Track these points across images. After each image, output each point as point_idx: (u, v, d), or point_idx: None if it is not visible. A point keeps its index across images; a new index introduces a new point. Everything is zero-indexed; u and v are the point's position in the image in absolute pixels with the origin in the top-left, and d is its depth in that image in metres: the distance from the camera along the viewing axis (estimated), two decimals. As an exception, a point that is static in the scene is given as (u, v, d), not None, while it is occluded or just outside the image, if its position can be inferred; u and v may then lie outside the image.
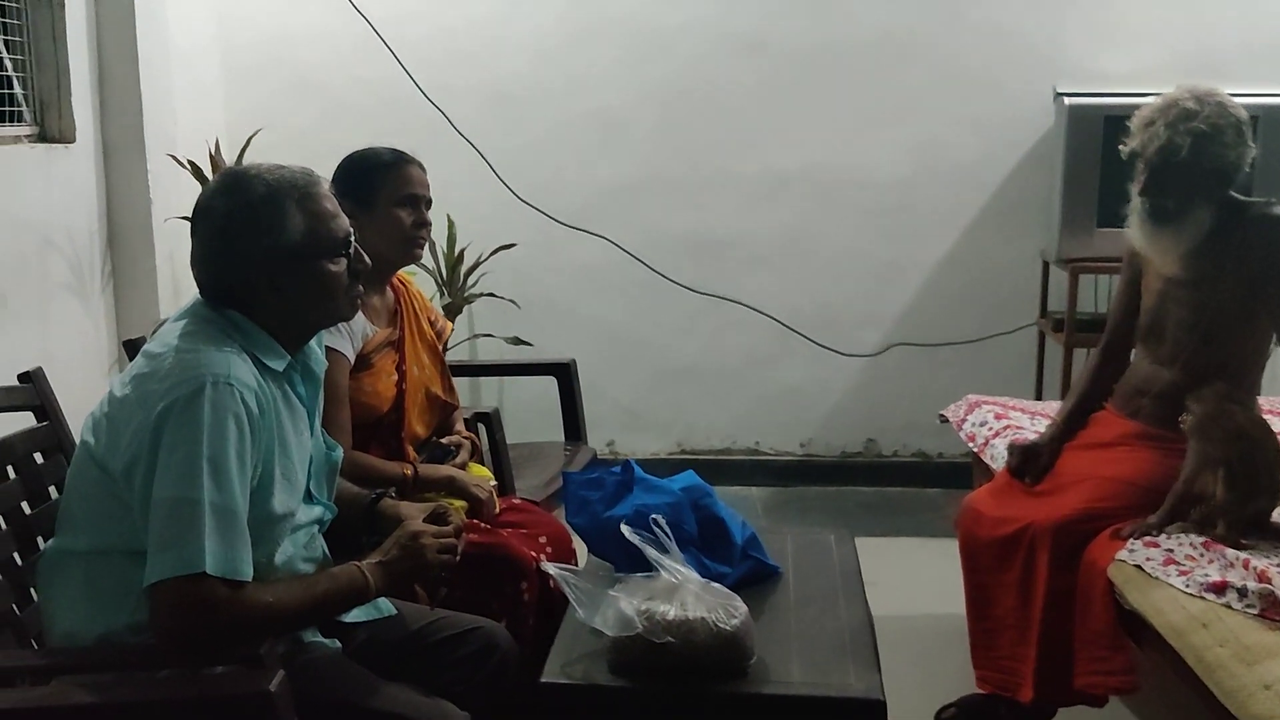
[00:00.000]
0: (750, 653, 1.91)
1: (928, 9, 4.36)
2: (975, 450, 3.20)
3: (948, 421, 3.43)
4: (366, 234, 2.27)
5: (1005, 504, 2.64)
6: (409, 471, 2.40)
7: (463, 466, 2.55)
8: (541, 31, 4.42)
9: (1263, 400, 2.65)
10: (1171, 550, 2.29)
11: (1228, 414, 2.29)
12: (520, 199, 4.46)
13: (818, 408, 4.64)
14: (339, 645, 1.90)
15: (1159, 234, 2.50)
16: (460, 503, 2.41)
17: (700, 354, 4.61)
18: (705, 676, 1.87)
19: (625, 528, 2.02)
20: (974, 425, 3.25)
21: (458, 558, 1.87)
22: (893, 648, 2.34)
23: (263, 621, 1.65)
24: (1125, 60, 4.27)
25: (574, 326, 4.52)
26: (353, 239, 1.84)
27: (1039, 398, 4.27)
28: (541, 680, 1.90)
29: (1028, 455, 2.70)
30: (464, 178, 4.33)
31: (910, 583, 3.49)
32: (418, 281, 2.77)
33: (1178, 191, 2.45)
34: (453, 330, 3.30)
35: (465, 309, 4.38)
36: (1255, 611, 2.02)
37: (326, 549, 1.93)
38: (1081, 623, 2.41)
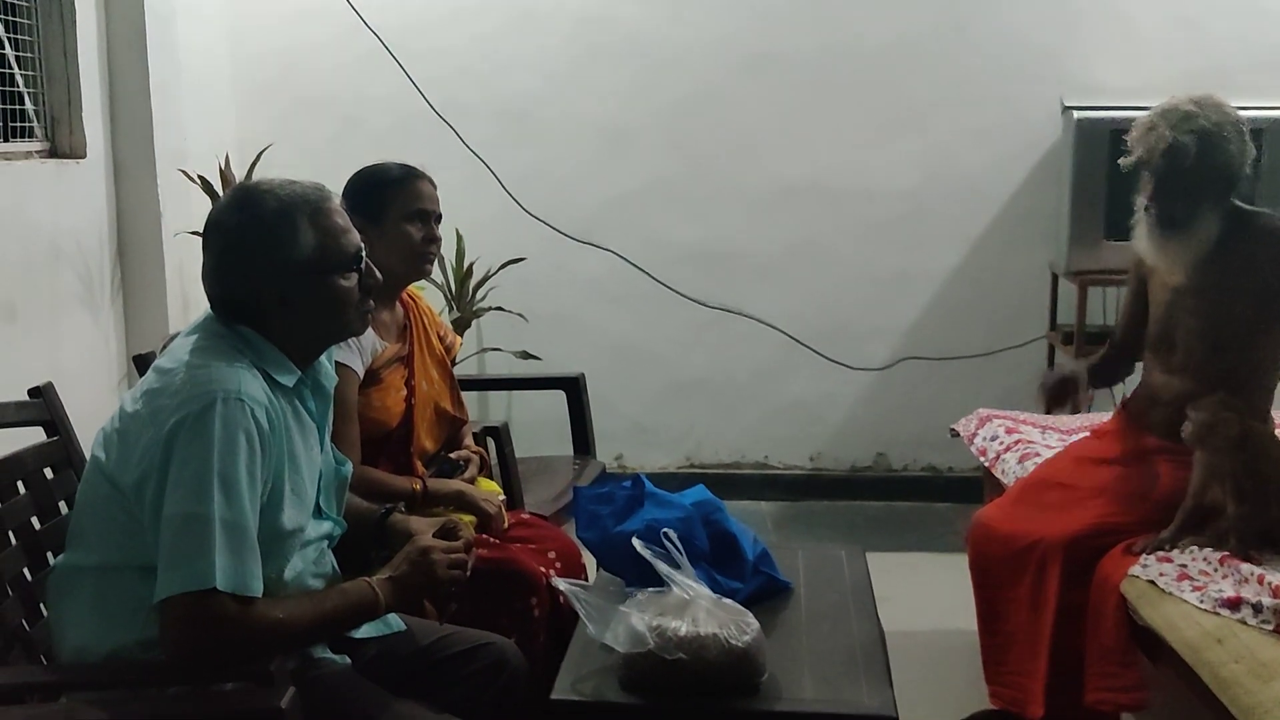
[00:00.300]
0: (762, 669, 1.90)
1: (935, 22, 4.36)
2: (986, 465, 3.19)
3: (958, 435, 3.42)
4: (376, 249, 2.26)
5: (1016, 519, 2.62)
6: (418, 486, 2.39)
7: (471, 481, 2.54)
8: (550, 47, 4.43)
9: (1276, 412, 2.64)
10: (1185, 565, 2.28)
11: (1225, 422, 2.28)
12: (529, 213, 4.46)
13: (827, 422, 4.63)
14: (348, 661, 1.89)
15: (1168, 242, 2.49)
16: (469, 517, 2.40)
17: (709, 368, 4.61)
18: (717, 693, 1.86)
19: (637, 542, 2.01)
20: (985, 439, 3.24)
21: (468, 573, 1.87)
22: (904, 663, 2.33)
23: (273, 638, 1.65)
24: (1132, 74, 4.27)
25: (582, 340, 4.52)
26: (364, 254, 1.84)
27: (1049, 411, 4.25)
28: (551, 697, 1.89)
29: (1066, 383, 2.68)
30: (473, 192, 4.34)
31: (921, 598, 3.47)
32: (426, 296, 2.77)
33: (1185, 195, 2.44)
34: (461, 344, 3.30)
35: (474, 323, 4.38)
36: (1270, 627, 2.01)
37: (336, 564, 1.93)
38: (1093, 638, 2.40)
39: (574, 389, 3.48)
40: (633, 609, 1.91)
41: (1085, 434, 2.95)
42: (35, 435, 2.05)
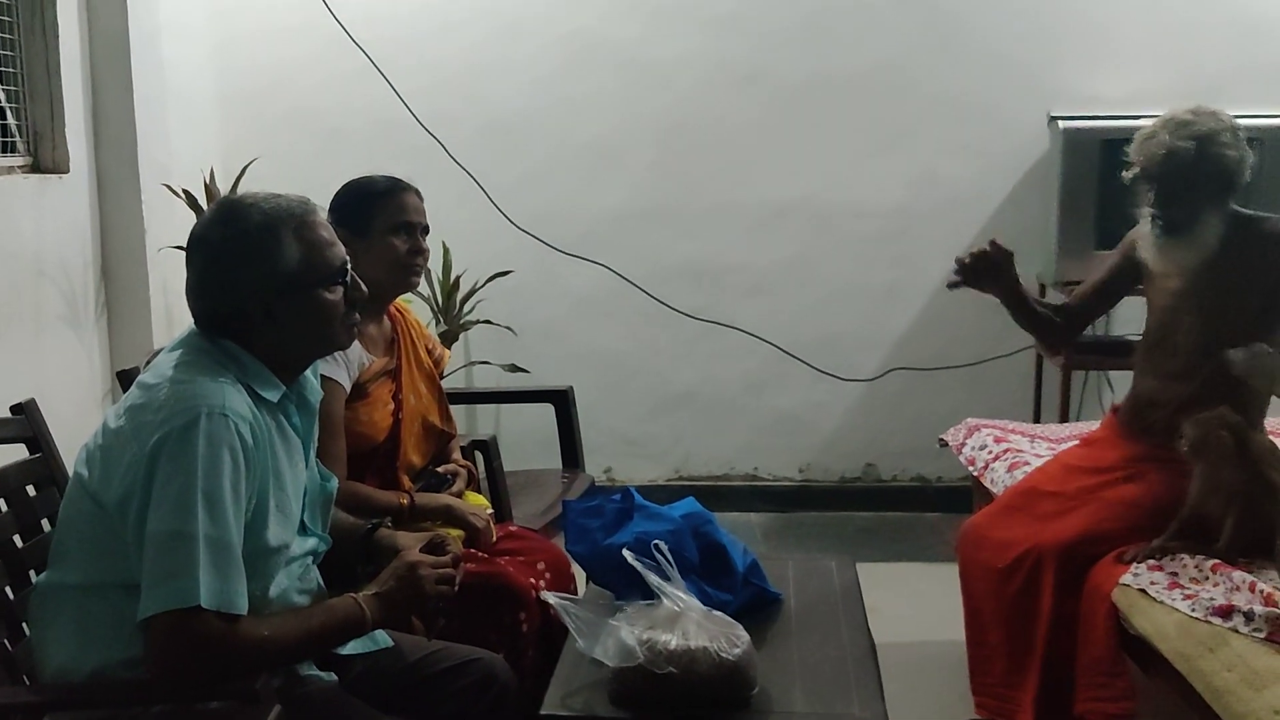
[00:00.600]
0: (753, 682, 1.88)
1: (921, 37, 4.37)
2: (975, 474, 3.18)
3: (947, 445, 3.42)
4: (363, 262, 2.26)
5: (1006, 528, 2.62)
6: (405, 501, 2.38)
7: (459, 495, 2.53)
8: (537, 60, 4.42)
9: (1273, 420, 2.64)
10: (1176, 574, 2.28)
11: (1219, 438, 2.27)
12: (517, 226, 4.45)
13: (816, 433, 4.62)
14: (335, 679, 1.87)
15: (1173, 247, 2.51)
16: (457, 532, 2.39)
17: (698, 380, 4.60)
18: (708, 707, 1.84)
19: (628, 553, 2.01)
20: (974, 449, 3.23)
21: (456, 588, 1.85)
22: (895, 675, 2.32)
23: (258, 656, 1.63)
24: (1120, 83, 4.28)
25: (571, 353, 4.51)
26: (349, 267, 1.83)
27: (1037, 420, 4.26)
28: (541, 713, 1.88)
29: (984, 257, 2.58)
30: (460, 205, 4.32)
31: (911, 608, 3.47)
32: (414, 309, 2.76)
33: (1186, 199, 2.47)
34: (450, 358, 3.29)
35: (461, 336, 4.36)
36: (1263, 635, 2.00)
37: (321, 580, 1.91)
38: (1084, 649, 2.40)
39: (563, 402, 3.46)
40: (622, 622, 1.90)
41: (1074, 442, 2.96)
42: (18, 452, 2.03)
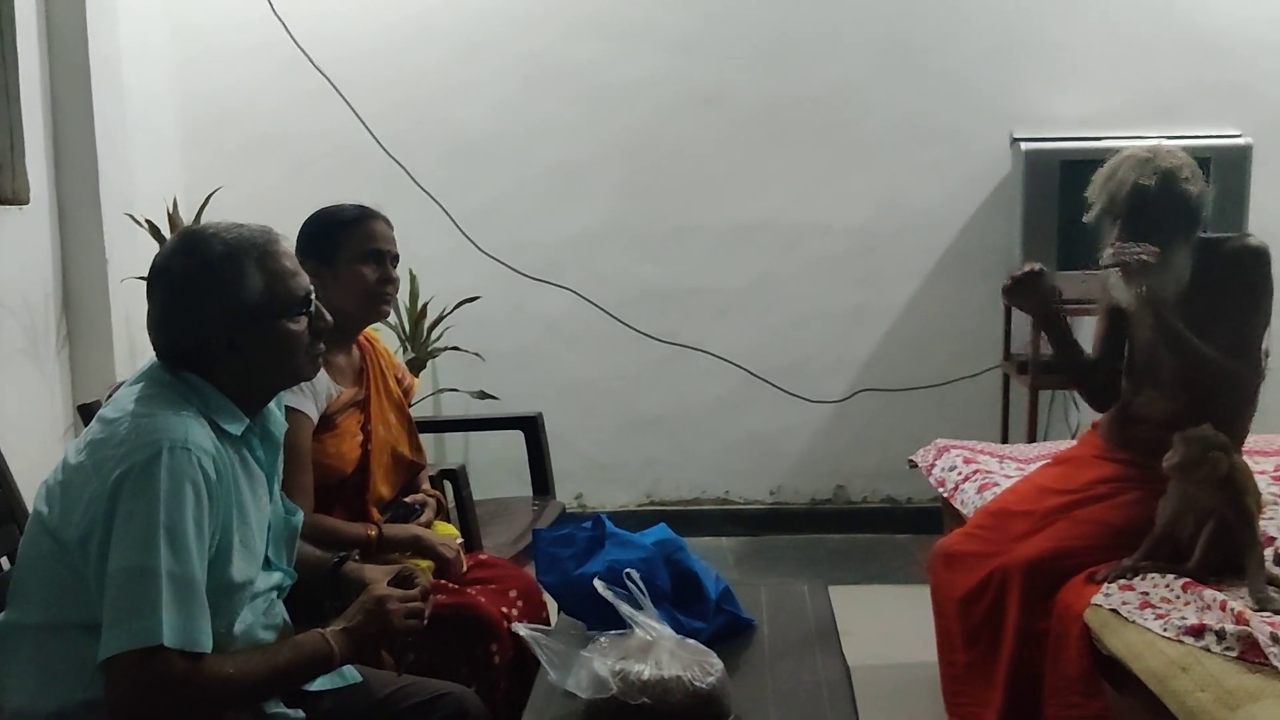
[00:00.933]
0: (728, 710, 1.87)
1: (884, 59, 4.40)
2: (945, 495, 3.19)
3: (917, 467, 3.43)
4: (331, 292, 2.25)
5: (977, 549, 2.62)
6: (373, 532, 2.35)
7: (428, 525, 2.50)
8: (500, 85, 4.42)
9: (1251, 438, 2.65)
10: (1147, 593, 2.28)
11: (1214, 461, 2.27)
12: (483, 252, 4.44)
13: (786, 455, 4.62)
14: (303, 715, 1.84)
15: (1142, 283, 2.48)
16: (427, 563, 2.36)
17: (667, 404, 4.59)
18: (683, 737, 1.82)
19: (599, 583, 1.99)
20: (943, 470, 3.24)
21: (425, 622, 1.83)
22: (870, 698, 2.30)
23: (224, 694, 1.60)
24: (1080, 105, 4.33)
25: (540, 379, 4.49)
26: (313, 296, 1.81)
27: (1005, 440, 4.28)
28: (514, 746, 1.86)
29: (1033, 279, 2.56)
30: (426, 231, 4.30)
31: (885, 631, 3.46)
32: (381, 337, 2.73)
33: (1154, 235, 2.45)
34: (418, 386, 3.27)
35: (429, 363, 4.34)
36: (1234, 654, 2.00)
37: (287, 615, 1.88)
38: (1054, 667, 2.40)
39: (532, 429, 3.44)
40: (595, 653, 1.88)
41: (1043, 462, 2.97)
42: (-25, 489, 1.99)
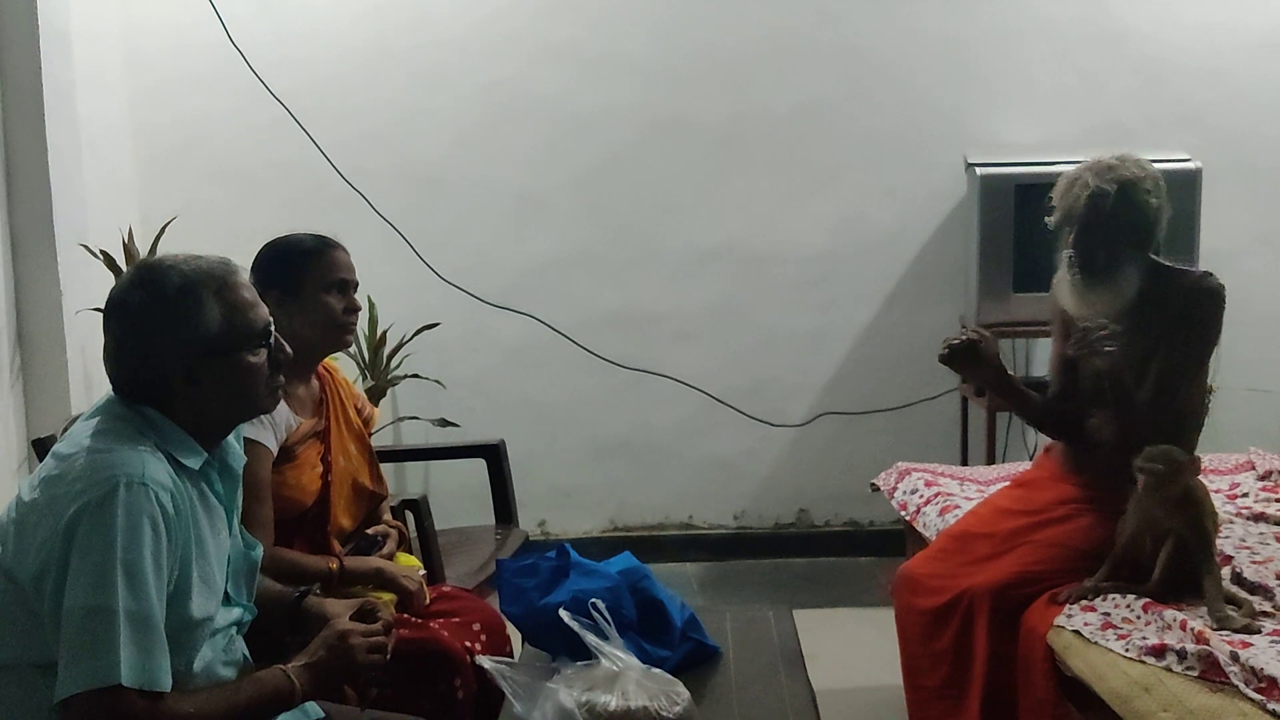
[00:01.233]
0: (695, 740, 1.86)
1: (840, 84, 4.45)
2: (907, 518, 3.20)
3: (879, 490, 3.44)
4: (295, 322, 2.24)
5: (940, 571, 2.63)
6: (334, 565, 2.32)
7: (390, 557, 2.47)
8: (461, 114, 4.42)
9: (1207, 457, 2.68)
10: (1109, 614, 2.30)
11: (1178, 482, 2.30)
12: (443, 279, 4.42)
13: (749, 479, 4.63)
14: (265, 753, 1.81)
15: (1089, 292, 2.52)
16: (389, 596, 2.34)
17: (630, 429, 4.58)
18: (649, 768, 1.82)
19: (564, 613, 1.98)
20: (905, 493, 3.25)
21: (388, 656, 1.81)
22: (836, 724, 2.31)
23: (183, 734, 1.57)
24: (1034, 130, 4.39)
25: (502, 406, 4.47)
26: (272, 329, 1.79)
27: (965, 462, 4.31)
28: (479, 780, 1.84)
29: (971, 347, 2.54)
30: (384, 259, 4.28)
31: (849, 654, 3.47)
32: (340, 366, 2.71)
33: (1106, 243, 2.48)
34: (379, 416, 3.24)
35: (389, 391, 4.31)
36: (1196, 674, 2.02)
37: (247, 651, 1.85)
38: (1024, 692, 2.40)
39: (494, 457, 3.42)
40: (560, 684, 1.88)
41: (1003, 484, 2.99)
42: (-75, 528, 1.94)
